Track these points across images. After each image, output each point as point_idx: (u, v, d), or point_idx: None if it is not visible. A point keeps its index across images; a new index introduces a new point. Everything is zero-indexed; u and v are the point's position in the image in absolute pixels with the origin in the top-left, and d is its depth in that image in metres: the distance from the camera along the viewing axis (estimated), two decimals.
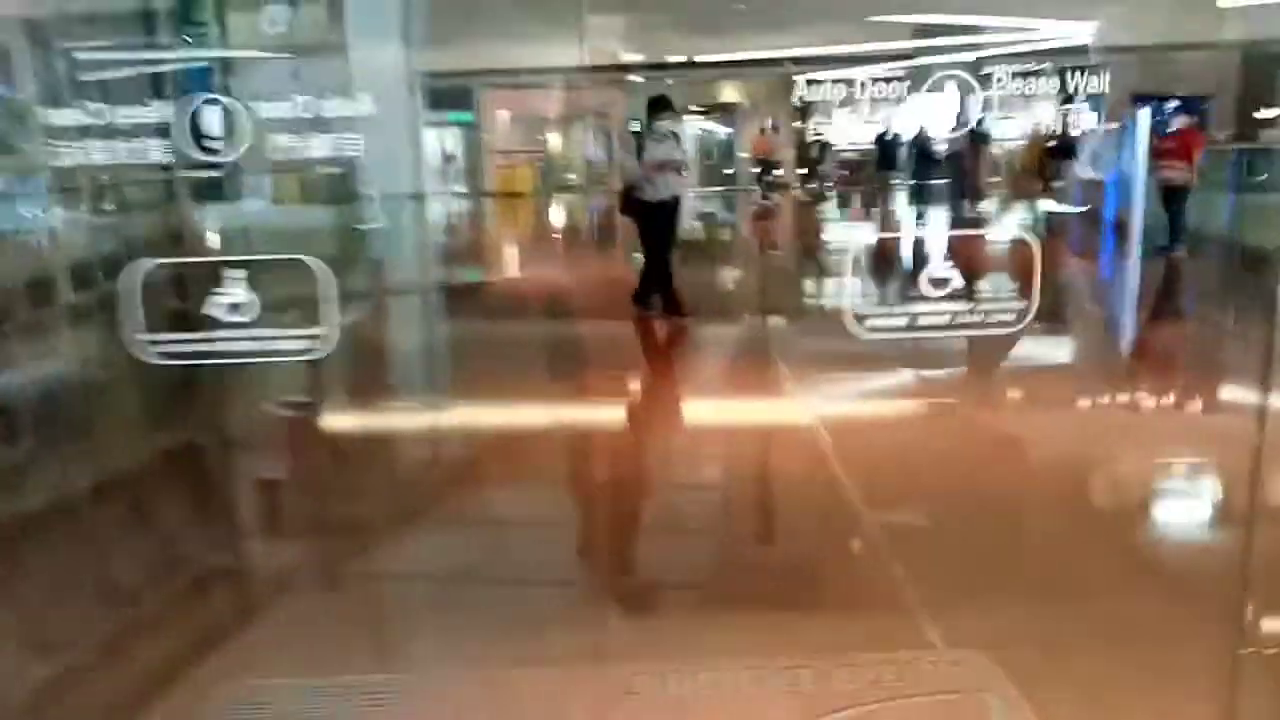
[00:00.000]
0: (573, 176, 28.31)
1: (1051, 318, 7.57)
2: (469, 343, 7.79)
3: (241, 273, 2.55)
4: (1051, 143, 12.94)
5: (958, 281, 2.67)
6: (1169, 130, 9.17)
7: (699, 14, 22.45)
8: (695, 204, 21.45)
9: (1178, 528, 4.01)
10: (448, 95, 24.54)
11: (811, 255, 13.55)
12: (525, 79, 24.12)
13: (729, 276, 12.51)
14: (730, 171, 24.13)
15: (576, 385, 5.69)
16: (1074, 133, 12.70)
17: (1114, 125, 13.47)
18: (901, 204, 16.20)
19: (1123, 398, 5.43)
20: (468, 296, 10.39)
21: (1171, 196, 9.55)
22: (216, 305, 2.51)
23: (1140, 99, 19.74)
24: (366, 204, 21.76)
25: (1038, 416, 4.90)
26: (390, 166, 22.93)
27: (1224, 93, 19.55)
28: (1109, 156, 12.51)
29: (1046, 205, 13.67)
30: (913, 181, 15.59)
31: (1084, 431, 4.75)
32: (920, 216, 14.32)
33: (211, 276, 2.53)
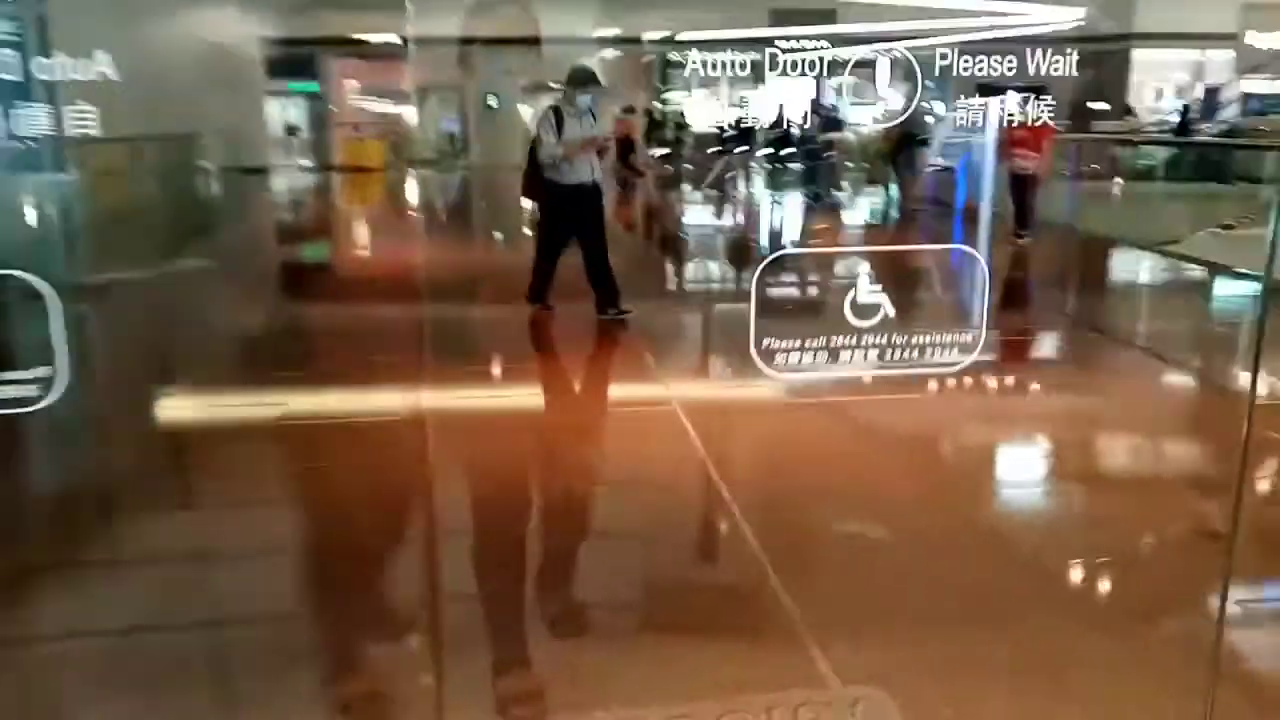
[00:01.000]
0: (428, 152, 27.44)
1: (905, 309, 7.63)
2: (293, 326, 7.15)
3: None
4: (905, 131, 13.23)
5: (889, 308, 2.31)
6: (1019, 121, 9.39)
7: None
8: None
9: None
10: (292, 64, 23.33)
11: (669, 239, 13.42)
12: (373, 49, 23.18)
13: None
14: None
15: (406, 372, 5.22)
16: (927, 120, 13.03)
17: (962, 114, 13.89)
18: (758, 188, 16.29)
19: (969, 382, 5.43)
20: (307, 277, 9.73)
21: (1022, 185, 9.84)
22: None
23: (986, 89, 20.60)
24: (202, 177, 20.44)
25: (888, 407, 4.79)
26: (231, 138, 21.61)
27: (1061, 85, 20.57)
28: (958, 145, 12.86)
29: (895, 193, 13.99)
30: (769, 166, 15.70)
31: (938, 418, 4.70)
32: (776, 201, 14.41)
33: None
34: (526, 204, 8.07)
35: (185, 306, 7.79)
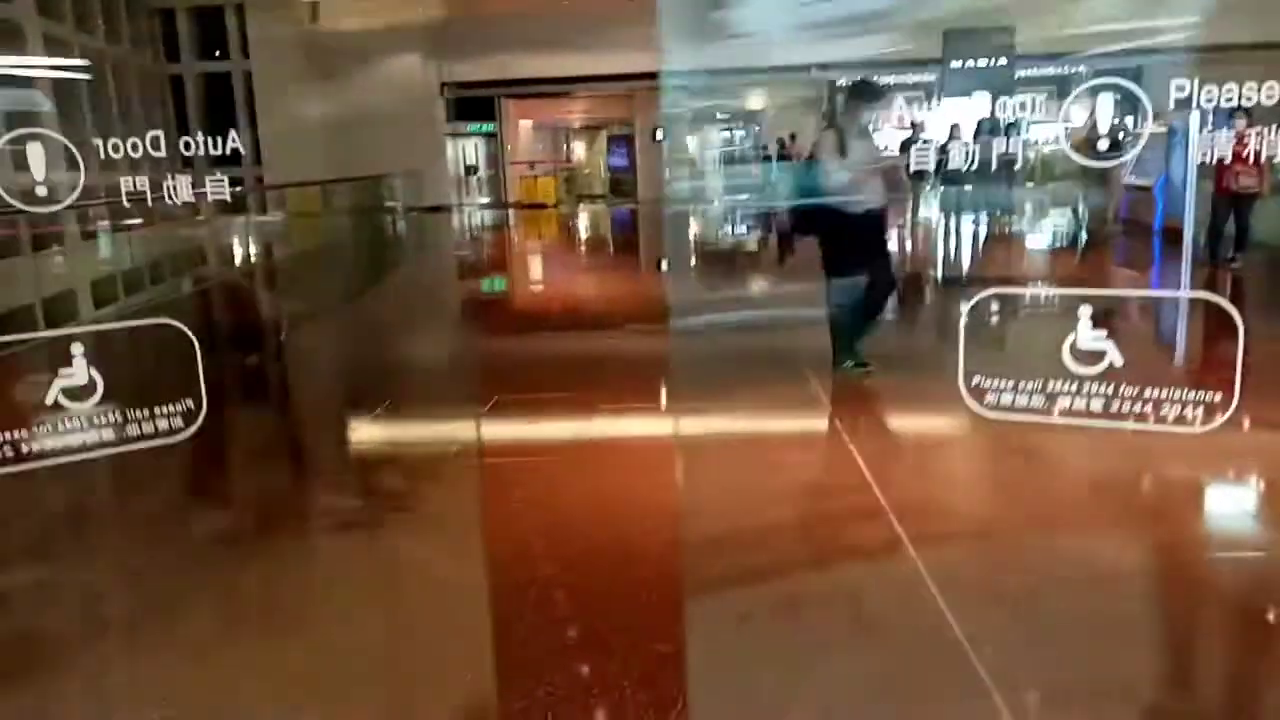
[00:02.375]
0: (598, 188, 28.15)
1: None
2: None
3: None
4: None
5: (1115, 357, 2.05)
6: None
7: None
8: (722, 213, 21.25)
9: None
10: (471, 106, 24.50)
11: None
12: (546, 89, 24.02)
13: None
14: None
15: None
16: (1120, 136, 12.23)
17: (1161, 129, 12.97)
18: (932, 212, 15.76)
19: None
20: (487, 309, 10.05)
21: (1240, 204, 9.05)
22: None
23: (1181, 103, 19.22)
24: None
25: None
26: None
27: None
28: (1156, 162, 11.99)
29: (1084, 214, 13.19)
30: (944, 187, 15.13)
31: (1131, 456, 4.23)
32: (952, 222, 13.87)
33: None
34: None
35: (372, 338, 8.18)
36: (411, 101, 23.19)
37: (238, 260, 15.23)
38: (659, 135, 25.07)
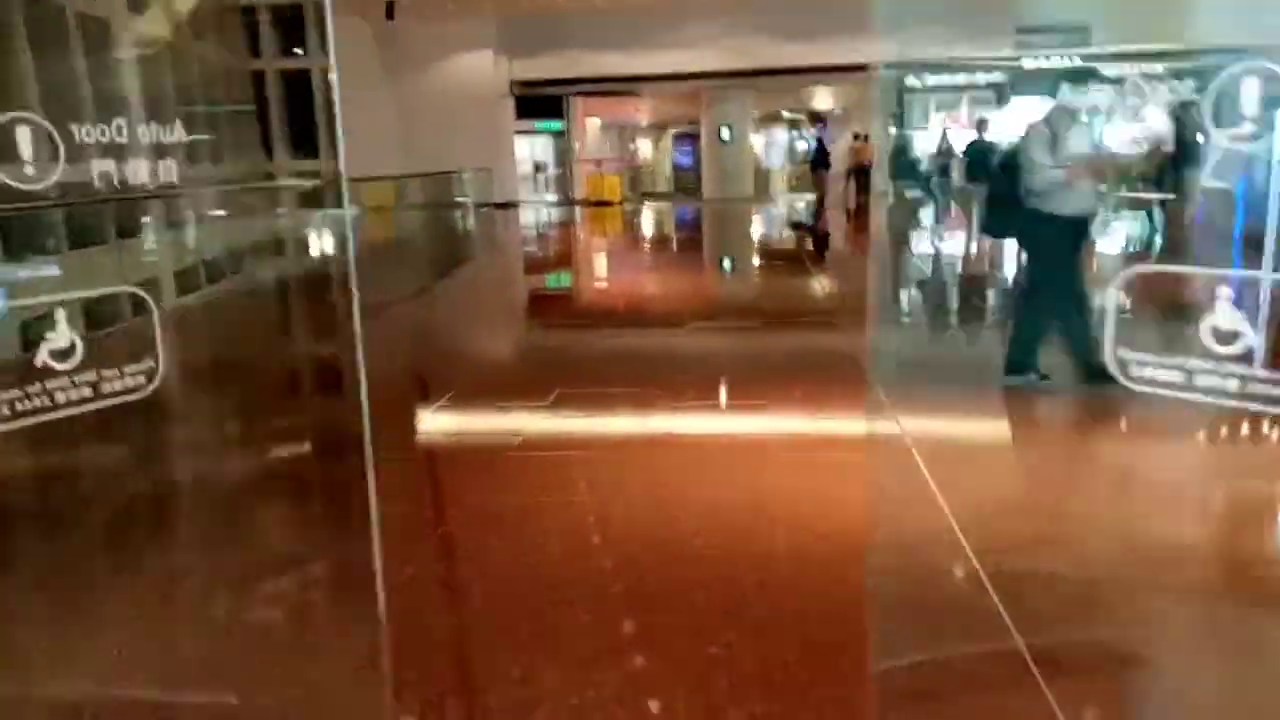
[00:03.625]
0: (663, 185, 28.23)
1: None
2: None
3: None
4: (1168, 149, 12.18)
5: (1251, 339, 2.13)
6: None
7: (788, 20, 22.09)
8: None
9: None
10: (539, 104, 24.81)
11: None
12: (613, 87, 24.19)
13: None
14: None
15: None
16: (1197, 138, 11.94)
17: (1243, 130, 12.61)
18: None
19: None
20: (551, 304, 10.24)
21: None
22: None
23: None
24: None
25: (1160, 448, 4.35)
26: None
27: None
28: (1237, 164, 11.67)
29: (1160, 218, 12.90)
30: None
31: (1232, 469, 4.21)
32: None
33: None
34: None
35: (438, 331, 8.41)
36: (481, 99, 23.59)
37: (314, 252, 15.71)
38: (724, 135, 25.09)
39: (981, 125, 13.55)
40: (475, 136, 23.29)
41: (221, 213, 15.36)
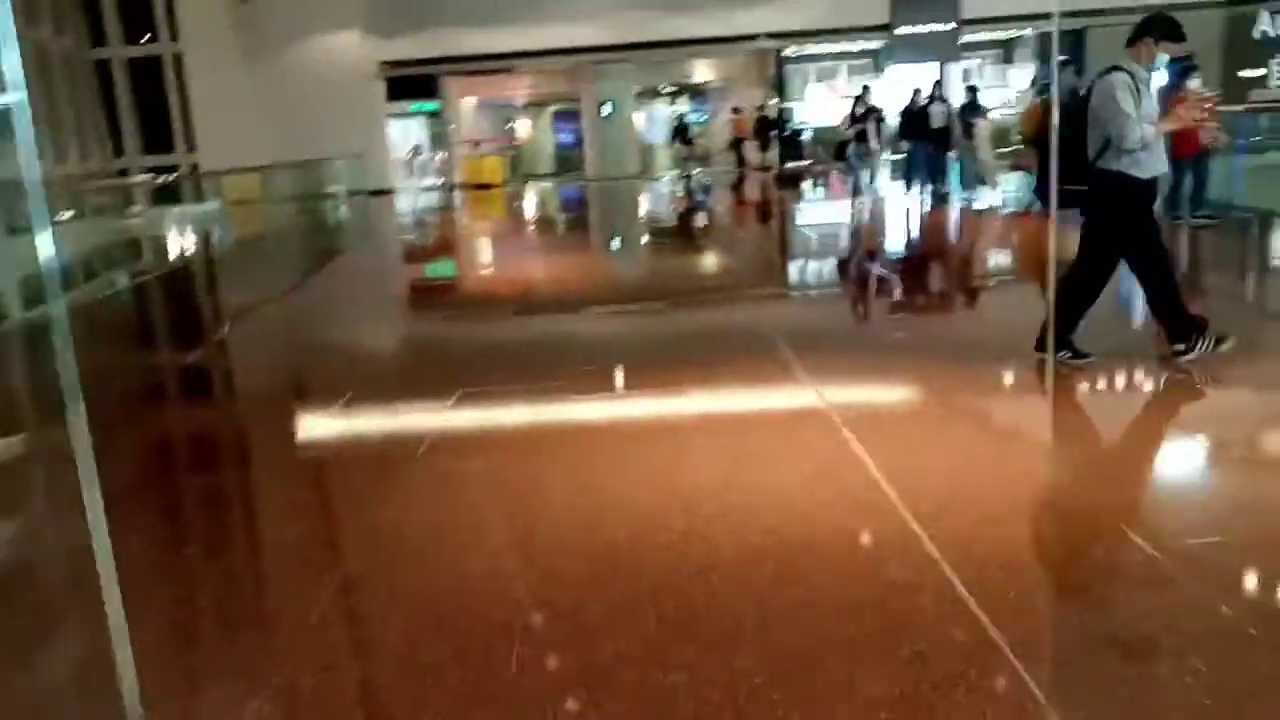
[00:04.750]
0: (545, 165, 27.64)
1: None
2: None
3: None
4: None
5: None
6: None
7: None
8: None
9: None
10: (412, 85, 23.85)
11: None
12: (489, 65, 23.49)
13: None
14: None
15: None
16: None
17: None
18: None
19: None
20: (432, 294, 9.71)
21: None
22: None
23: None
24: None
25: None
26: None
27: (1208, 54, 19.22)
28: None
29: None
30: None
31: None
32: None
33: None
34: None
35: (315, 330, 7.83)
36: (350, 82, 22.55)
37: (174, 252, 14.67)
38: (606, 111, 24.69)
39: (916, 94, 13.66)
40: (345, 121, 22.28)
41: (68, 214, 14.19)
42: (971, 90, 13.74)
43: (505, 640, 2.46)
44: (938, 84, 14.01)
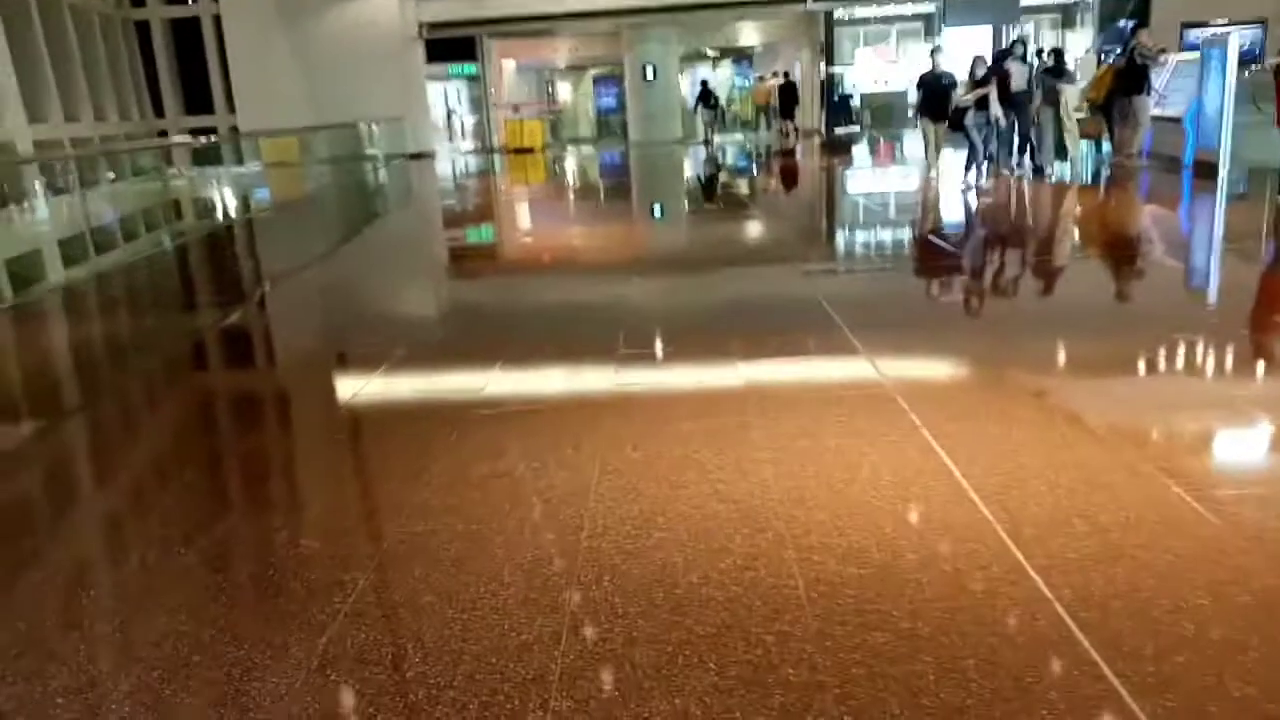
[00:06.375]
0: (587, 130, 27.13)
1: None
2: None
3: None
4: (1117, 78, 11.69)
5: None
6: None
7: None
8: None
9: None
10: (450, 48, 23.39)
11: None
12: (530, 28, 22.94)
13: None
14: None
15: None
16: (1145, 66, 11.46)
17: (1189, 56, 12.21)
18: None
19: None
20: (471, 259, 9.35)
21: None
22: None
23: (1192, 26, 18.37)
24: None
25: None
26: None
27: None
28: (1187, 92, 11.24)
29: (1107, 148, 12.48)
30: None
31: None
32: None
33: None
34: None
35: (351, 292, 7.51)
36: (388, 44, 22.17)
37: (214, 214, 14.46)
38: (649, 74, 24.09)
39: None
40: (384, 84, 21.92)
41: (110, 175, 14.01)
42: (1056, 53, 12.46)
43: (539, 694, 2.09)
44: (1019, 41, 12.30)
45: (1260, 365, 4.40)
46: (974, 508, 2.85)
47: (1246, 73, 11.75)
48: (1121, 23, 19.28)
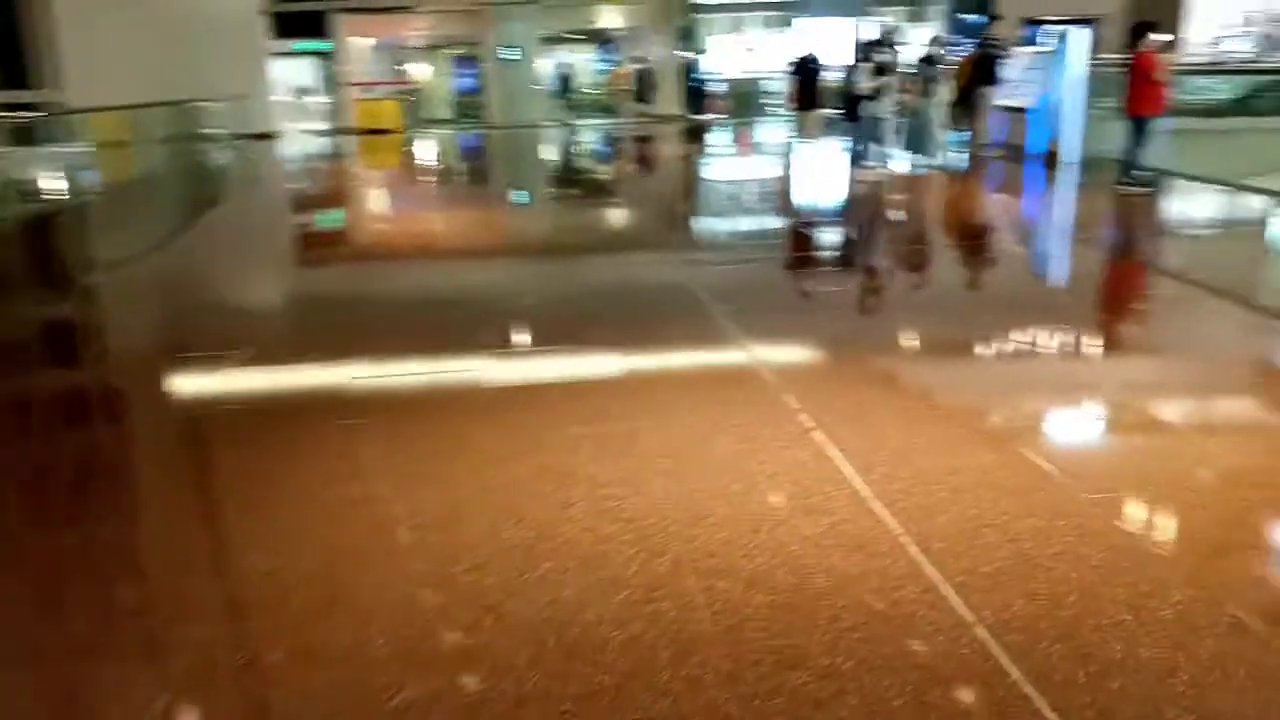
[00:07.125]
0: (444, 111, 26.23)
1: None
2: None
3: None
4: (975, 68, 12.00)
5: None
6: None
7: None
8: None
9: None
10: (299, 22, 22.16)
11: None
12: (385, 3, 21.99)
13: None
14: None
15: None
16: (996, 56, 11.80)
17: (1040, 49, 12.62)
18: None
19: None
20: (322, 245, 8.73)
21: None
22: None
23: (1033, 23, 19.20)
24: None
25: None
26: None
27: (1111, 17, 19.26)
28: (1033, 82, 11.65)
29: (966, 137, 12.78)
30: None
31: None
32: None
33: None
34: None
35: (191, 282, 6.84)
36: (232, 17, 20.80)
37: (39, 196, 13.16)
38: (510, 56, 23.47)
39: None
40: (227, 59, 20.57)
41: None
42: (937, 41, 12.54)
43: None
44: (890, 32, 12.34)
45: (1105, 348, 4.46)
46: (877, 520, 2.69)
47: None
48: (971, 18, 19.94)
